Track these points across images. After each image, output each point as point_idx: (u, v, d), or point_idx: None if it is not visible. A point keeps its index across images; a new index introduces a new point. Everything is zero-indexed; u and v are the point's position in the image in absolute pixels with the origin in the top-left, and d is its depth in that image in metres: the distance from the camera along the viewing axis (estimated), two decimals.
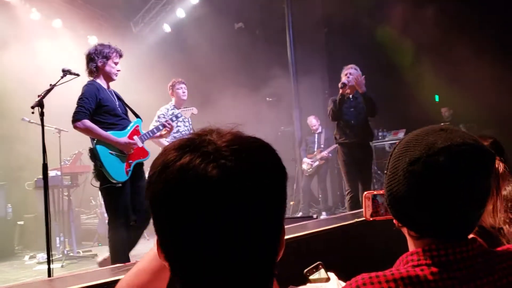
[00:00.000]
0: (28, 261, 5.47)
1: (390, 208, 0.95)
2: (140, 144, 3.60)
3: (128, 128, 3.58)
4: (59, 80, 3.29)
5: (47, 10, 8.00)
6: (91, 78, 3.58)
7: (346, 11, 8.34)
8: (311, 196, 7.93)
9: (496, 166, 1.39)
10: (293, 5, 8.12)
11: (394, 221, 0.97)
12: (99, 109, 3.44)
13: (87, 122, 3.37)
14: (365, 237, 2.66)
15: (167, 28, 8.79)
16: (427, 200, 0.87)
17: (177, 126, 5.05)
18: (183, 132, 5.09)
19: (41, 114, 3.18)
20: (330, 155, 7.25)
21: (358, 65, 8.47)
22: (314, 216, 5.52)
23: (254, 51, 8.65)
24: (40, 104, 3.13)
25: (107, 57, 3.56)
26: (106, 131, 3.43)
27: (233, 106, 8.30)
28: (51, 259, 3.18)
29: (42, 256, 5.46)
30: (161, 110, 5.09)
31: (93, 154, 3.44)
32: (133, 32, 8.86)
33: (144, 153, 3.62)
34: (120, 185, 3.42)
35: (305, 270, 1.41)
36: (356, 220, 2.80)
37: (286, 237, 0.72)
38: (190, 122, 5.25)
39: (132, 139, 3.55)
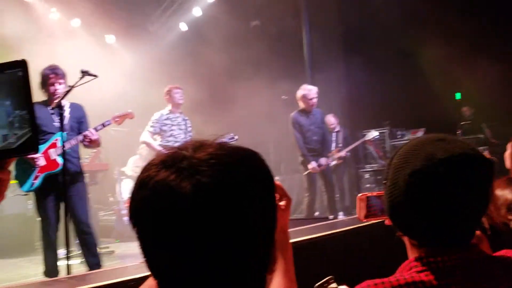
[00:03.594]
0: None
1: (391, 217, 0.97)
2: (52, 157, 3.77)
3: (47, 142, 3.77)
4: (78, 81, 3.33)
5: (66, 10, 8.11)
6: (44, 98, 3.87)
7: (363, 8, 8.26)
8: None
9: None
10: (309, 3, 8.07)
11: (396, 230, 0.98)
12: None
13: None
14: (380, 240, 2.63)
15: (183, 26, 8.83)
16: (428, 210, 0.89)
17: (171, 130, 5.17)
18: (177, 136, 5.16)
19: (60, 115, 3.24)
20: (348, 154, 7.18)
21: (376, 63, 8.42)
22: (330, 217, 5.49)
23: (270, 49, 8.61)
24: (59, 105, 3.17)
25: (46, 79, 3.80)
26: None
27: (248, 105, 8.29)
28: (69, 255, 3.31)
29: (61, 252, 5.55)
30: (154, 115, 5.20)
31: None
32: (150, 31, 8.92)
33: (54, 165, 3.77)
34: (26, 194, 3.87)
35: (316, 285, 1.39)
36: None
37: (299, 239, 0.70)
38: (189, 125, 5.30)
39: (47, 152, 3.74)
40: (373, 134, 7.40)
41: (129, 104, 7.62)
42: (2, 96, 0.67)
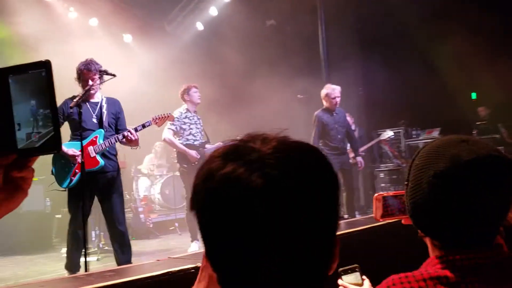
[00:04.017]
0: (65, 253, 5.63)
1: (413, 218, 0.97)
2: (92, 154, 3.77)
3: (86, 139, 3.79)
4: (96, 81, 3.36)
5: (84, 9, 8.21)
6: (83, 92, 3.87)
7: (380, 7, 8.19)
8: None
9: None
10: (325, 1, 8.03)
11: (418, 230, 0.98)
12: (69, 122, 3.80)
13: None
14: (396, 238, 2.62)
15: (200, 26, 8.88)
16: (452, 212, 0.89)
17: (190, 128, 5.23)
18: (196, 135, 5.21)
19: (79, 114, 3.29)
20: (363, 153, 7.13)
21: (391, 62, 8.34)
22: (345, 216, 5.47)
23: (286, 48, 8.61)
24: (78, 105, 3.22)
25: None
26: (69, 141, 3.80)
27: (264, 104, 8.30)
28: (87, 252, 3.35)
29: None
30: (174, 113, 5.22)
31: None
32: (166, 31, 8.98)
33: (94, 163, 3.78)
34: (65, 190, 3.79)
35: (340, 269, 1.39)
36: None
37: None
38: (201, 124, 5.35)
39: (86, 149, 3.73)
40: (388, 133, 7.35)
41: (145, 103, 7.72)
42: (27, 96, 0.69)
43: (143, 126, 3.95)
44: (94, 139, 3.80)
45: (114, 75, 3.61)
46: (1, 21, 7.44)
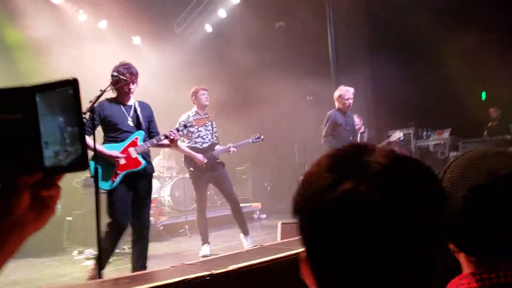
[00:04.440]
0: (77, 256, 5.67)
1: (446, 234, 0.93)
2: (133, 155, 3.78)
3: (126, 140, 3.80)
4: (109, 85, 3.37)
5: (93, 12, 8.25)
6: (114, 95, 3.89)
7: (389, 7, 8.14)
8: None
9: None
10: (334, 2, 8.00)
11: (450, 245, 0.96)
12: (104, 124, 3.78)
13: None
14: None
15: (208, 28, 8.89)
16: (489, 227, 0.86)
17: (198, 131, 5.21)
18: (204, 137, 5.19)
19: (92, 119, 3.29)
20: None
21: (401, 63, 8.29)
22: None
23: (295, 49, 8.59)
24: (91, 109, 3.22)
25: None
26: (106, 143, 3.76)
27: (274, 105, 8.29)
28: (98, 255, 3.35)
29: (90, 251, 5.65)
30: (182, 117, 5.24)
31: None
32: (176, 33, 9.00)
33: (136, 163, 3.80)
34: (105, 192, 3.71)
35: None
36: None
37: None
38: (214, 126, 5.34)
39: (127, 150, 3.75)
40: (398, 135, 7.28)
41: (155, 105, 7.70)
42: (54, 114, 0.69)
43: (185, 126, 4.10)
44: (135, 140, 3.83)
45: (126, 80, 3.62)
46: (12, 25, 7.49)
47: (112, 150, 3.73)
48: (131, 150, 3.79)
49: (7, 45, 7.51)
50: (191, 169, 5.17)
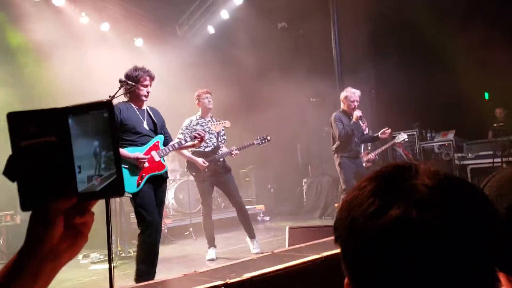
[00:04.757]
0: (82, 260, 5.65)
1: None
2: (156, 158, 3.78)
3: (147, 144, 3.78)
4: (117, 91, 3.36)
5: (96, 14, 8.23)
6: (126, 100, 3.85)
7: (392, 7, 8.12)
8: None
9: None
10: (338, 2, 7.97)
11: None
12: (122, 128, 3.72)
13: None
14: None
15: (211, 29, 8.87)
16: None
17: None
18: (207, 141, 5.12)
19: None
20: (377, 157, 7.07)
21: (404, 63, 8.26)
22: None
23: (298, 50, 8.57)
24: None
25: (137, 81, 3.77)
26: (125, 147, 3.69)
27: (277, 107, 8.27)
28: (106, 258, 3.32)
29: (95, 255, 5.65)
30: (185, 121, 5.24)
31: None
32: (178, 35, 8.98)
33: (160, 166, 3.80)
34: (130, 195, 3.69)
35: None
36: None
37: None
38: (223, 132, 5.30)
39: (149, 154, 3.74)
40: (402, 136, 7.26)
41: (157, 107, 7.71)
42: (88, 137, 0.67)
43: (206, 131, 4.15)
44: (156, 144, 3.83)
45: (134, 85, 3.60)
46: (16, 28, 7.47)
47: (135, 152, 3.71)
48: (154, 153, 3.78)
49: (11, 49, 7.50)
50: (193, 173, 5.14)
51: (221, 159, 5.18)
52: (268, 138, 5.35)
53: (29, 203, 0.66)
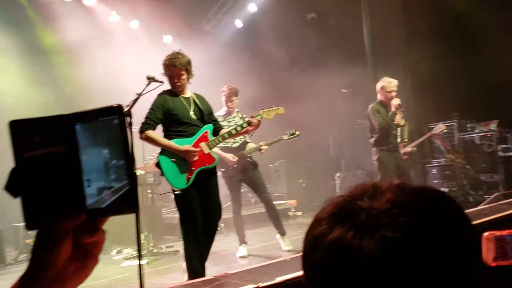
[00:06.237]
0: (116, 256, 5.71)
1: None
2: (206, 151, 3.55)
3: (196, 135, 3.57)
4: (144, 88, 3.31)
5: (125, 12, 8.30)
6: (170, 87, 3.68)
7: None
8: None
9: None
10: None
11: None
12: (168, 118, 3.54)
13: (150, 133, 3.49)
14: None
15: (239, 23, 8.79)
16: None
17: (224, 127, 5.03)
18: (235, 137, 4.79)
19: (130, 124, 3.22)
20: (414, 149, 6.81)
21: (440, 53, 7.92)
22: None
23: (328, 41, 8.37)
24: (129, 114, 3.16)
25: (165, 76, 3.65)
26: (173, 138, 3.50)
27: (307, 99, 8.12)
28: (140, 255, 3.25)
29: (128, 251, 5.69)
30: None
31: (157, 163, 3.55)
32: (206, 30, 8.95)
33: (210, 159, 3.57)
34: (179, 192, 3.46)
35: None
36: None
37: None
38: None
39: (198, 146, 3.53)
40: (440, 127, 6.98)
41: None
42: (97, 145, 0.59)
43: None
44: (205, 134, 3.60)
45: (162, 82, 3.51)
46: (48, 29, 7.62)
47: (184, 144, 3.48)
48: (203, 145, 3.55)
49: (44, 49, 7.65)
50: (222, 169, 5.03)
51: (249, 155, 5.09)
52: (297, 132, 5.17)
53: (34, 221, 0.58)
